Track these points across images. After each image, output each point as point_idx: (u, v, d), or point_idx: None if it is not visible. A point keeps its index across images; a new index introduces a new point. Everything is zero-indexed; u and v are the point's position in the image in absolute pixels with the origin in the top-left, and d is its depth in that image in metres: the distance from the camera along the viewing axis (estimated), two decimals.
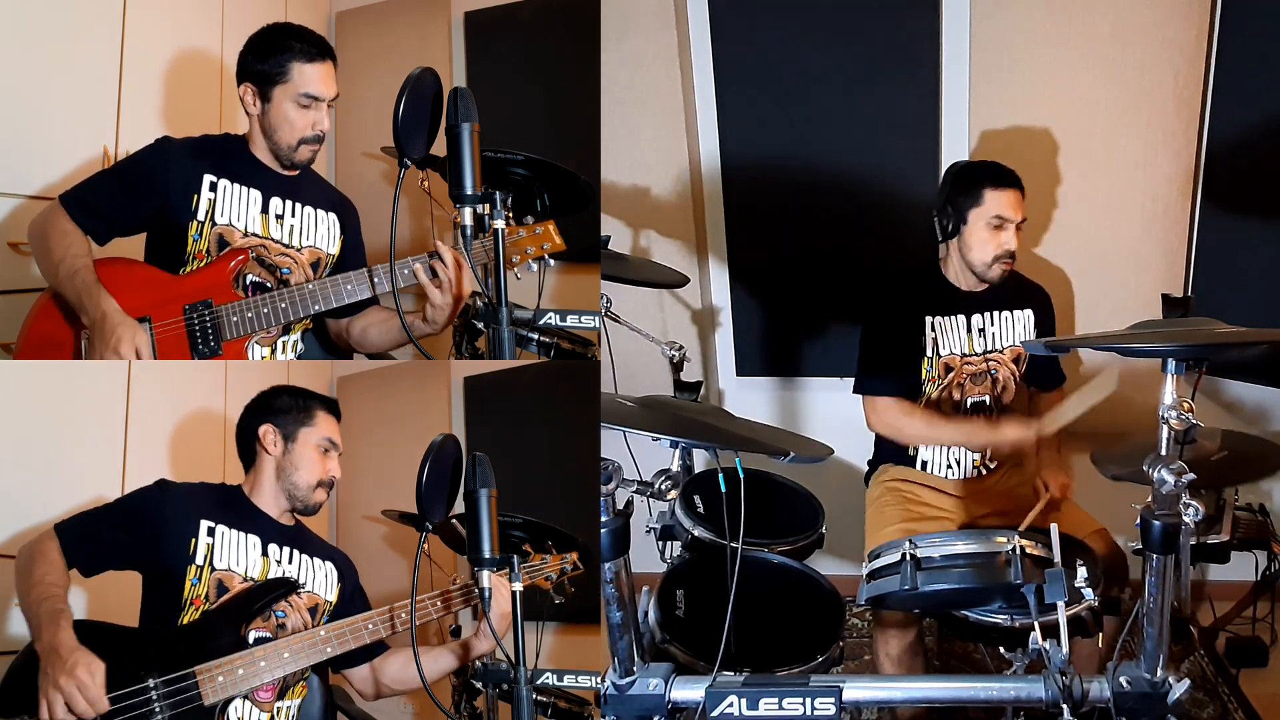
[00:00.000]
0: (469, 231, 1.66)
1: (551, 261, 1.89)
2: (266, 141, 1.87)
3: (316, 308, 1.83)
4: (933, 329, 2.34)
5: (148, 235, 1.86)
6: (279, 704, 1.77)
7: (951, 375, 2.36)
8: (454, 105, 1.60)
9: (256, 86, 1.82)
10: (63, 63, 2.11)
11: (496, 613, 1.67)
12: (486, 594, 1.66)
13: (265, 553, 1.78)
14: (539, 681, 2.26)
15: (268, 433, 1.79)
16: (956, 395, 2.38)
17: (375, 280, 1.84)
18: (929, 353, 2.34)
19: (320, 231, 1.96)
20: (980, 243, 2.28)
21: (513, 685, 1.64)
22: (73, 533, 1.66)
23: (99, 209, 1.76)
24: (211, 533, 1.72)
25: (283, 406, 1.82)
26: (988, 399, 2.39)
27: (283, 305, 1.81)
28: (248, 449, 1.83)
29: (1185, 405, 1.46)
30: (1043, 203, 2.69)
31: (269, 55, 1.81)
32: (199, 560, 1.70)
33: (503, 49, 2.87)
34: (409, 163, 1.62)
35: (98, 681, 1.48)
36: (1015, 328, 2.40)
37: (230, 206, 1.84)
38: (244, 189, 1.85)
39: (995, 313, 2.38)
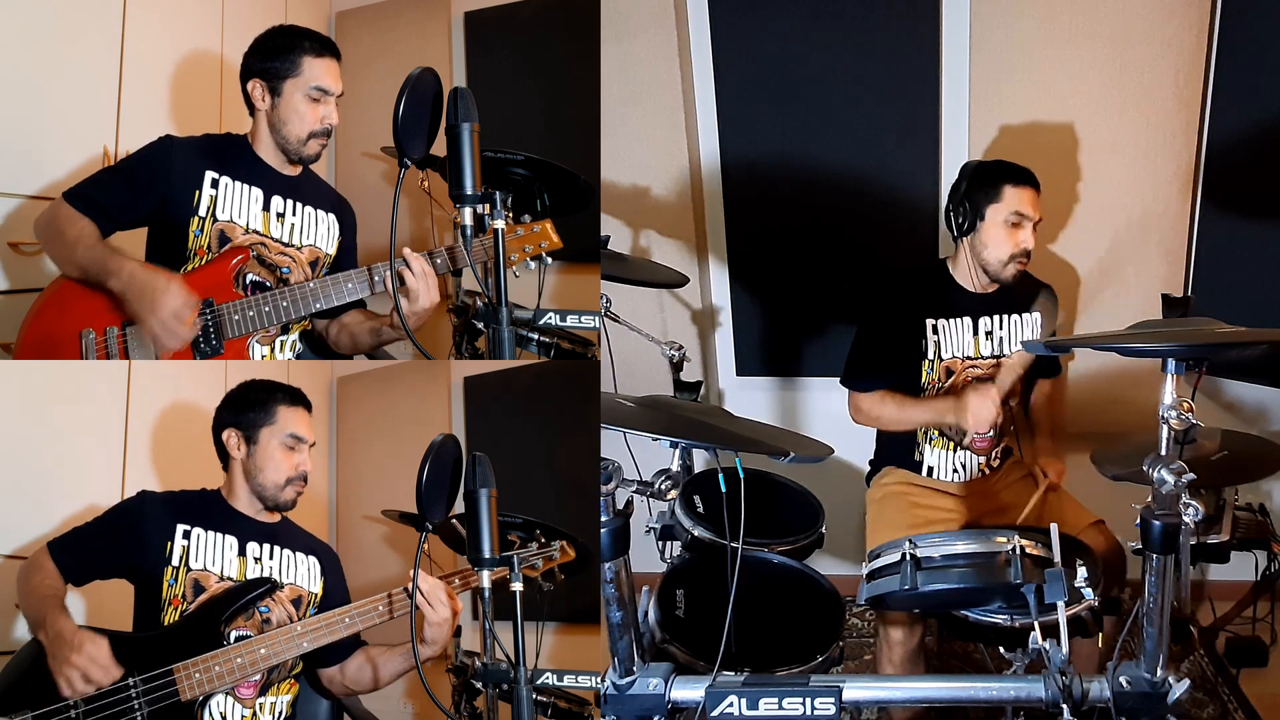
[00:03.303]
0: (469, 231, 1.67)
1: (550, 260, 1.89)
2: (274, 137, 1.87)
3: (317, 306, 1.83)
4: (934, 331, 2.33)
5: (149, 232, 1.86)
6: (261, 700, 1.80)
7: (953, 379, 2.35)
8: (454, 105, 1.60)
9: (266, 82, 1.84)
10: (63, 63, 2.11)
11: (437, 619, 1.73)
12: (487, 593, 1.67)
13: (243, 552, 1.82)
14: (539, 681, 2.26)
15: (230, 436, 1.83)
16: None
17: (376, 279, 1.84)
18: (929, 355, 2.33)
19: (320, 231, 1.97)
20: (997, 240, 2.25)
21: (513, 685, 1.65)
22: (62, 547, 1.75)
23: (101, 204, 1.76)
24: (187, 535, 1.78)
25: (244, 406, 1.85)
26: None
27: (284, 304, 1.81)
28: (220, 451, 1.87)
29: (1185, 405, 1.46)
30: (1046, 202, 2.69)
31: (280, 51, 1.83)
32: (175, 562, 1.76)
33: (503, 49, 2.87)
34: (409, 163, 1.62)
35: (105, 653, 1.60)
36: (1024, 331, 2.36)
37: (232, 203, 1.84)
38: (246, 186, 1.86)
39: (1004, 315, 2.35)
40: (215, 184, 1.83)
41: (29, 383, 2.02)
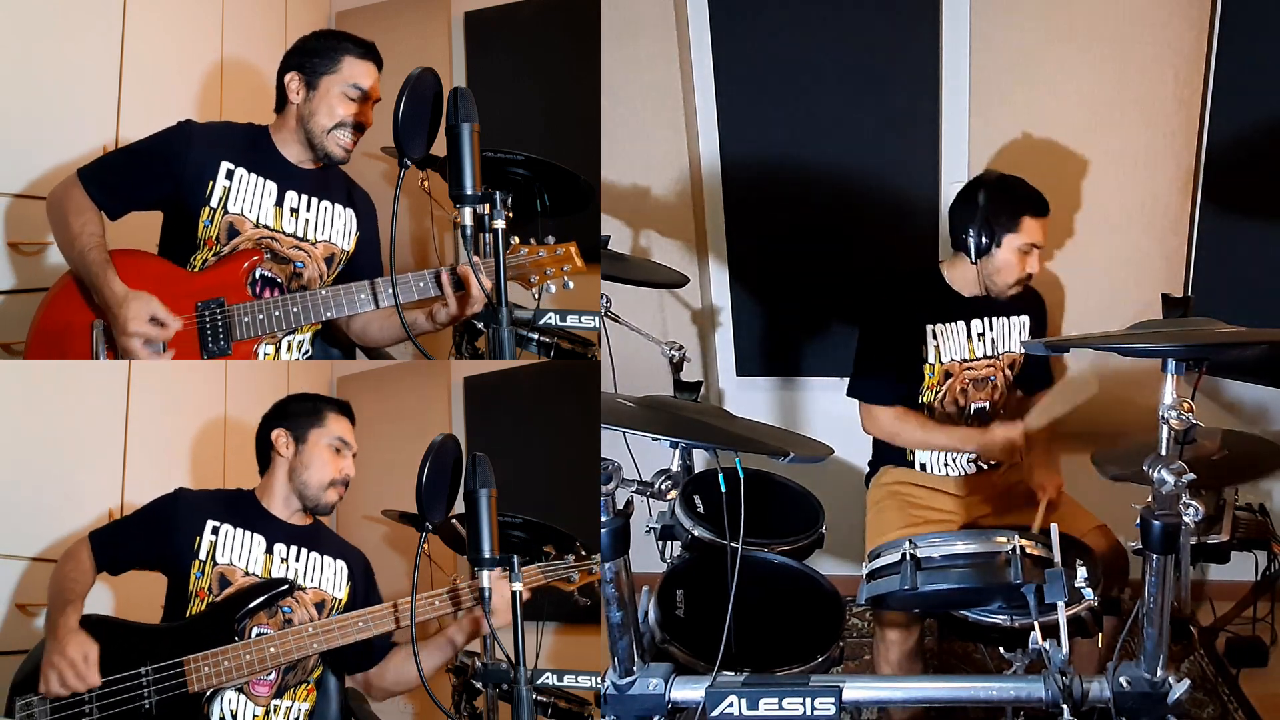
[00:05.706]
0: (469, 231, 1.67)
1: (571, 285, 1.88)
2: (300, 129, 1.86)
3: (328, 314, 1.84)
4: (934, 336, 2.34)
5: (164, 217, 1.87)
6: (276, 702, 1.81)
7: (951, 381, 2.36)
8: (454, 105, 1.60)
9: (304, 75, 1.84)
10: (63, 62, 2.11)
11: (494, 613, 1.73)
12: (487, 594, 1.67)
13: (270, 550, 1.84)
14: (539, 681, 2.26)
15: (279, 436, 1.87)
16: (960, 401, 2.38)
17: (382, 294, 1.84)
18: (930, 360, 2.34)
19: (336, 227, 1.96)
20: (1009, 266, 2.28)
21: (513, 685, 1.64)
22: (101, 538, 1.80)
23: (113, 185, 1.78)
24: (216, 531, 1.81)
25: (294, 411, 1.90)
26: (988, 405, 2.39)
27: (294, 310, 1.82)
28: (263, 454, 1.90)
29: (1185, 405, 1.46)
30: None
31: (324, 49, 1.85)
32: (202, 555, 1.79)
33: (503, 49, 2.87)
34: (409, 163, 1.62)
35: (89, 660, 1.62)
36: (1014, 333, 2.40)
37: (244, 196, 1.84)
38: (260, 179, 1.86)
39: (994, 318, 2.38)
40: (230, 175, 1.82)
41: (29, 382, 2.02)
